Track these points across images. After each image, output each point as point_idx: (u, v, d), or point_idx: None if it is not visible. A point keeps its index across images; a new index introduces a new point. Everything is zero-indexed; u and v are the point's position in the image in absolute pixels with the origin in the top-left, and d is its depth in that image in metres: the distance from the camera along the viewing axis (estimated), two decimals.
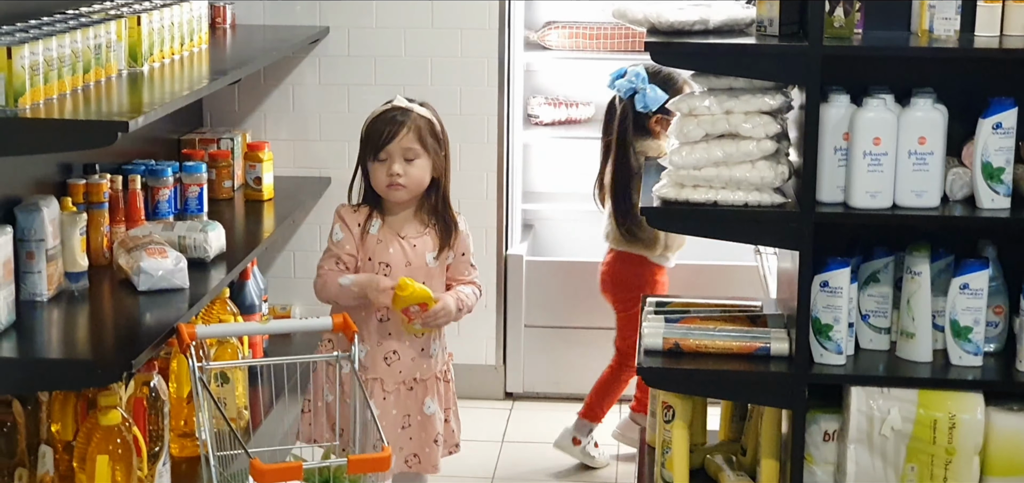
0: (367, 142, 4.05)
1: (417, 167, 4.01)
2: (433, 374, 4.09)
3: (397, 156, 3.99)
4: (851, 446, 3.69)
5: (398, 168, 3.99)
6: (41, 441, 3.77)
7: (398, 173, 3.99)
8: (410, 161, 4.00)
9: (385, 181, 4.00)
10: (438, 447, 4.14)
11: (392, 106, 4.05)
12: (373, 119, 4.06)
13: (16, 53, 3.42)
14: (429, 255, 4.05)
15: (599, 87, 6.01)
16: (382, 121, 4.02)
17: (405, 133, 3.99)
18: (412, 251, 4.03)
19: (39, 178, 4.09)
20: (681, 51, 3.70)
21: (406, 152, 4.00)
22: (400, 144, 3.99)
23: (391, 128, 3.99)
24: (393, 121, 4.00)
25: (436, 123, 4.07)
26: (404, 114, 4.02)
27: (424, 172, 4.03)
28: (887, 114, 3.59)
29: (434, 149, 4.04)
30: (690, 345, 3.89)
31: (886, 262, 3.78)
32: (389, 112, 4.04)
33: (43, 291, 3.85)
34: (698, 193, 3.73)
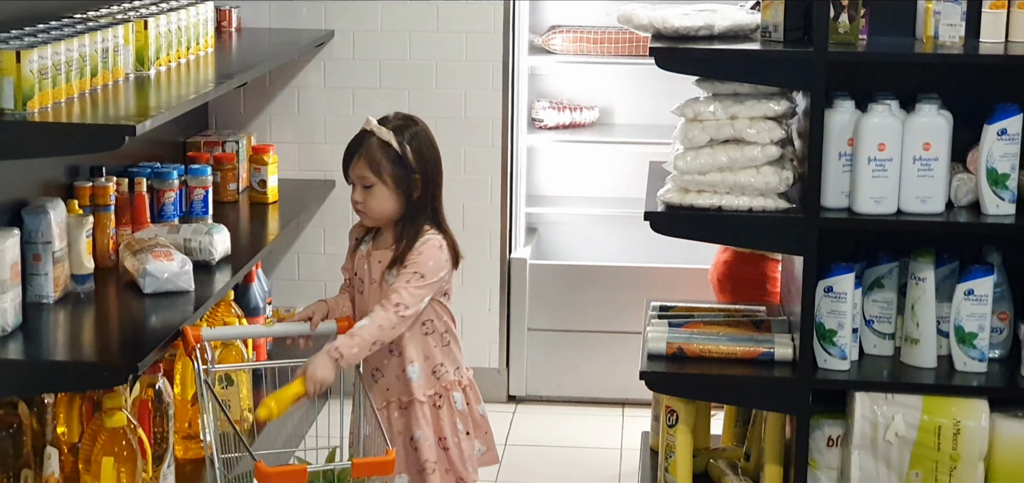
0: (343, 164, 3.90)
1: (374, 196, 3.80)
2: (415, 398, 3.85)
3: (356, 183, 3.83)
4: (855, 452, 3.70)
5: (357, 196, 3.83)
6: (46, 443, 3.78)
7: (357, 200, 3.83)
8: (367, 189, 3.81)
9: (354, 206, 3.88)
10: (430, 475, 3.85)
11: (361, 129, 3.87)
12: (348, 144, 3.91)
13: (25, 57, 3.43)
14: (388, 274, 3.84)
15: (603, 91, 6.04)
16: (349, 145, 3.86)
17: (357, 161, 3.81)
18: (376, 266, 3.87)
19: (46, 180, 4.10)
20: (686, 56, 3.71)
21: (361, 180, 3.81)
22: (354, 172, 3.82)
23: (347, 155, 3.83)
24: (351, 147, 3.84)
25: (396, 146, 3.80)
26: (359, 140, 3.83)
27: (383, 202, 3.80)
28: (892, 120, 3.60)
29: (395, 175, 3.79)
30: (694, 350, 3.90)
31: (890, 268, 3.79)
32: (356, 137, 3.86)
33: (49, 293, 3.85)
34: (703, 198, 3.74)
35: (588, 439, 5.43)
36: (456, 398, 3.93)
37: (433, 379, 3.89)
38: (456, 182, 5.66)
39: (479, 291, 5.71)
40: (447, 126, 5.63)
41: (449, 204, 5.61)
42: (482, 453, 4.03)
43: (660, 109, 5.80)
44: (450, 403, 3.91)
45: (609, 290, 5.67)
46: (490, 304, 5.72)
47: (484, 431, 4.03)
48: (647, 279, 5.61)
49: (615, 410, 5.66)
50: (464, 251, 5.61)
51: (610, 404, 5.70)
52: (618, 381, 5.64)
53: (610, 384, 5.69)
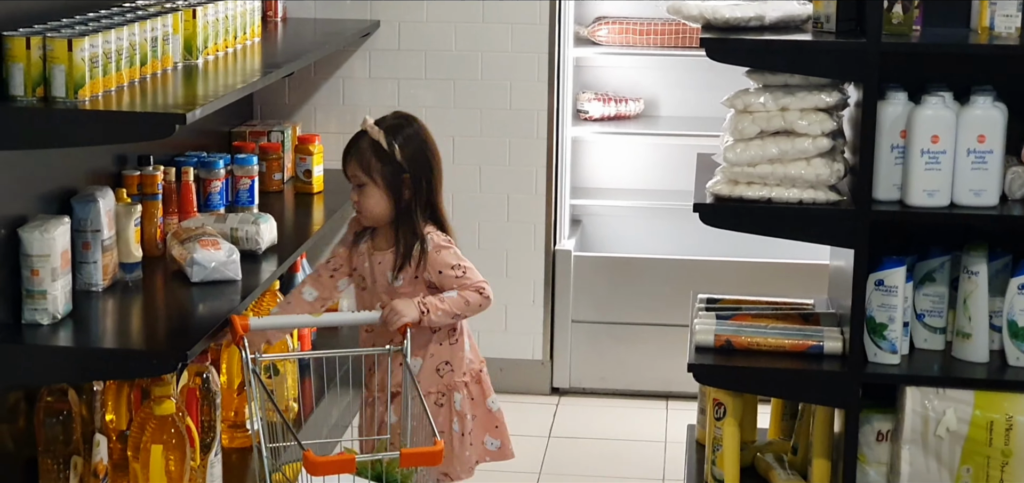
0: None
1: (367, 196, 3.88)
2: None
3: (353, 183, 3.93)
4: (905, 447, 3.68)
5: (354, 195, 3.92)
6: (95, 430, 3.79)
7: (354, 200, 3.92)
8: (360, 187, 3.90)
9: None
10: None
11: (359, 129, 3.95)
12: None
13: (76, 45, 3.44)
14: (388, 274, 3.93)
15: (650, 83, 6.02)
16: (346, 146, 3.95)
17: (350, 161, 3.90)
18: (377, 268, 3.94)
19: (95, 169, 4.11)
20: (736, 47, 3.68)
21: (354, 179, 3.91)
22: (349, 170, 3.91)
23: (345, 155, 3.92)
24: (349, 146, 3.92)
25: (384, 143, 3.86)
26: (355, 140, 3.91)
27: (375, 201, 3.88)
28: (946, 112, 3.57)
29: (384, 173, 3.86)
30: (742, 342, 3.88)
31: (942, 261, 3.76)
32: (353, 135, 3.95)
33: (99, 281, 3.87)
34: (752, 190, 3.72)
35: (632, 432, 5.42)
36: (456, 398, 3.98)
37: (436, 377, 3.96)
38: (501, 174, 5.66)
39: (523, 283, 5.70)
40: (492, 117, 5.63)
41: (494, 194, 5.66)
42: (496, 448, 4.07)
43: (705, 101, 5.80)
44: (451, 403, 3.98)
45: (653, 282, 5.65)
46: (534, 296, 5.71)
47: (496, 425, 4.06)
48: (691, 271, 5.59)
49: (659, 403, 5.65)
50: (509, 243, 5.67)
51: (654, 397, 5.69)
52: (662, 374, 5.63)
53: (654, 377, 5.67)
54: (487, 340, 5.73)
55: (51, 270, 3.57)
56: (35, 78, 3.46)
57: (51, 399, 3.64)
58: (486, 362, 4.12)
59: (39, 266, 3.55)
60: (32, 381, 3.61)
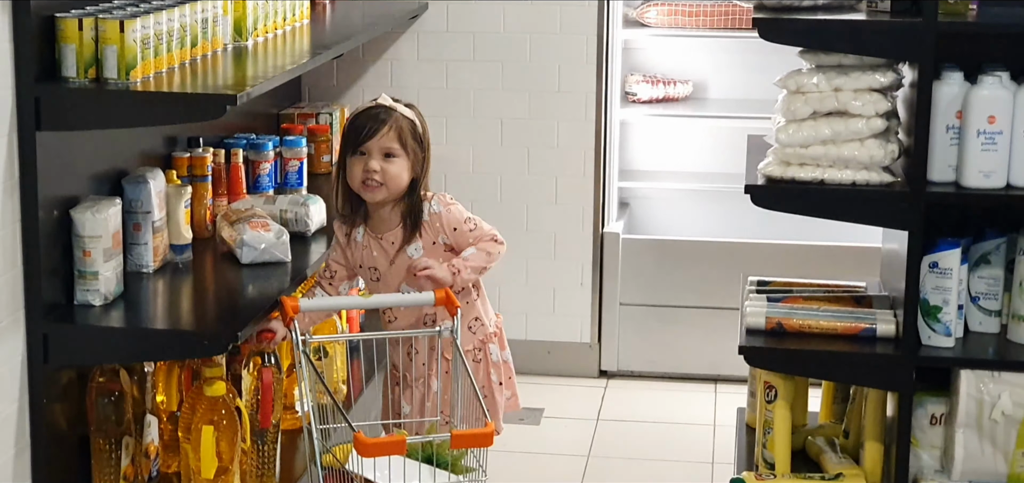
0: (347, 137, 3.96)
1: (395, 166, 3.91)
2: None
3: (376, 153, 3.91)
4: (959, 430, 3.65)
5: (375, 165, 3.90)
6: (146, 411, 3.81)
7: (374, 170, 3.90)
8: (389, 158, 3.91)
9: (360, 176, 3.91)
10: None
11: (376, 104, 3.97)
12: (355, 115, 3.98)
13: (128, 27, 3.45)
14: (409, 248, 3.97)
15: (698, 65, 5.99)
16: (364, 117, 3.94)
17: (387, 131, 3.91)
18: (391, 249, 3.97)
19: (145, 151, 4.12)
20: (790, 28, 3.66)
21: (385, 150, 3.91)
22: (380, 142, 3.90)
23: (372, 124, 3.91)
24: (375, 118, 3.92)
25: (419, 125, 3.97)
26: (387, 112, 3.93)
27: (402, 171, 3.93)
28: (1003, 92, 3.53)
29: (414, 150, 3.94)
30: (793, 325, 3.86)
31: (998, 243, 3.72)
32: (372, 109, 3.95)
33: (149, 262, 3.88)
34: (805, 171, 3.69)
35: (681, 415, 5.40)
36: (492, 350, 4.07)
37: (470, 335, 4.02)
38: (549, 156, 5.65)
39: (571, 265, 5.69)
40: (540, 99, 5.61)
41: (542, 177, 5.65)
42: (507, 398, 4.16)
43: (754, 83, 5.76)
44: (487, 356, 4.06)
45: (702, 265, 5.63)
46: (582, 279, 5.70)
47: (508, 376, 4.16)
48: (740, 254, 5.57)
49: (708, 386, 5.63)
50: (556, 225, 5.65)
51: (703, 380, 5.67)
52: (711, 357, 5.61)
53: (703, 360, 5.65)
54: (535, 322, 5.72)
55: (103, 251, 3.58)
56: (87, 59, 3.47)
57: (103, 379, 3.65)
58: (536, 343, 4.15)
59: (91, 247, 3.57)
60: (84, 361, 3.63)
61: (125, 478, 3.69)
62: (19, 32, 3.37)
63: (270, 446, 3.97)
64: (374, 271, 4.01)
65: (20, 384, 3.47)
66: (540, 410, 5.40)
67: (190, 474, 3.76)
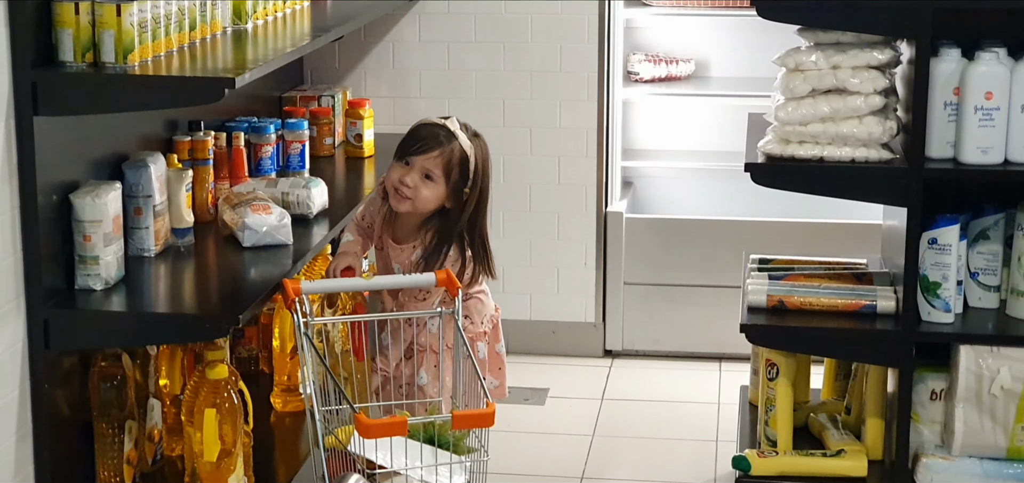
0: (404, 140, 4.02)
1: (429, 189, 3.96)
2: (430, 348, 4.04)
3: (418, 169, 3.96)
4: (959, 405, 3.65)
5: (411, 180, 3.95)
6: (149, 394, 3.82)
7: (408, 185, 3.95)
8: (427, 180, 3.96)
9: (395, 183, 3.97)
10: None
11: (444, 124, 4.01)
12: (420, 124, 4.04)
13: (125, 10, 3.45)
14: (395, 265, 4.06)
15: (700, 44, 5.99)
16: (425, 131, 3.99)
17: (436, 154, 3.95)
18: (392, 252, 4.06)
19: (145, 135, 4.13)
20: (788, 5, 3.66)
21: (426, 170, 3.95)
22: (425, 161, 3.95)
23: (426, 143, 3.96)
24: (433, 138, 3.97)
25: (473, 160, 3.99)
26: (446, 137, 3.97)
27: (433, 198, 3.97)
28: (1000, 68, 3.53)
29: (455, 183, 3.98)
30: (795, 302, 3.87)
31: (996, 219, 3.72)
32: (436, 128, 4.00)
33: (151, 246, 3.88)
34: (804, 149, 3.70)
35: (685, 393, 5.41)
36: (480, 348, 4.09)
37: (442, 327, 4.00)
38: (551, 136, 5.64)
39: (575, 245, 5.69)
40: (542, 79, 5.61)
41: (545, 157, 5.65)
42: (494, 386, 4.17)
43: (756, 61, 5.75)
44: (475, 353, 4.03)
45: (705, 244, 5.63)
46: (586, 258, 5.70)
47: (499, 367, 4.19)
48: (743, 233, 5.56)
49: (712, 364, 5.63)
50: (560, 206, 5.66)
51: (707, 358, 5.67)
52: (715, 335, 5.61)
53: (707, 338, 5.65)
54: (539, 303, 5.73)
55: (103, 236, 3.59)
56: (84, 43, 3.47)
57: (105, 364, 3.67)
58: (540, 323, 4.16)
59: (91, 232, 3.57)
60: (86, 346, 3.64)
61: (128, 462, 3.70)
62: (15, 17, 3.36)
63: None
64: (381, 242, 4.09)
65: (21, 370, 3.48)
66: (545, 390, 5.41)
67: (193, 457, 3.77)
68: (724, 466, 4.71)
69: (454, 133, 3.98)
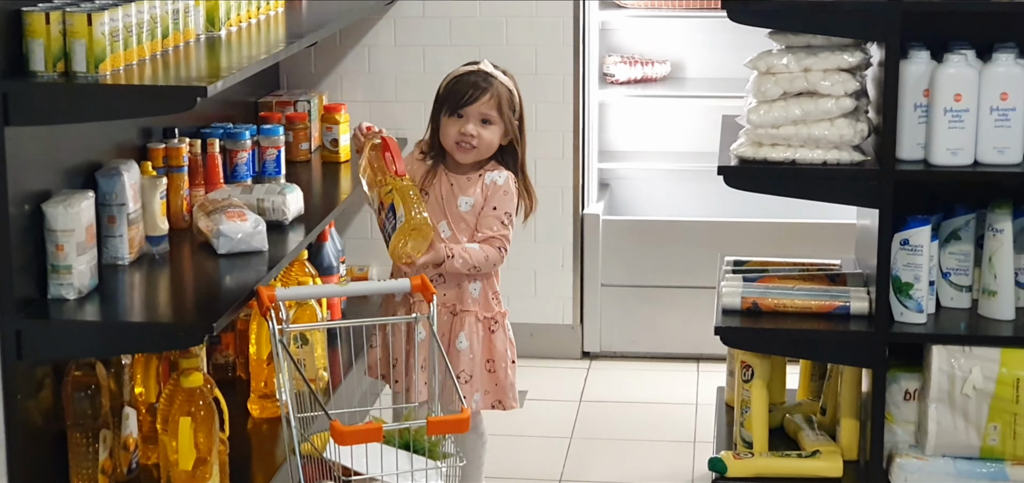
0: (447, 98, 4.08)
1: (490, 131, 4.05)
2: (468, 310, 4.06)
3: (474, 117, 4.03)
4: (932, 405, 3.67)
5: (472, 129, 4.03)
6: (124, 403, 3.82)
7: (471, 134, 4.02)
8: (485, 124, 4.04)
9: (455, 137, 4.03)
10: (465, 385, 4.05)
11: (478, 69, 4.11)
12: (457, 78, 4.10)
13: (96, 20, 3.45)
14: (462, 199, 4.05)
15: (675, 45, 6.00)
16: (466, 82, 4.07)
17: (487, 98, 4.04)
18: (449, 191, 4.05)
19: (119, 143, 4.13)
20: (758, 9, 3.67)
21: (484, 116, 4.03)
22: (479, 107, 4.03)
23: (474, 91, 4.04)
24: (476, 85, 4.05)
25: (515, 94, 4.13)
26: (487, 80, 4.07)
27: (495, 138, 4.07)
28: (968, 70, 3.55)
29: (509, 119, 4.09)
30: (769, 304, 3.88)
31: (967, 219, 3.74)
32: (474, 75, 4.09)
33: (125, 255, 3.88)
34: (776, 152, 3.71)
35: (663, 395, 5.42)
36: (509, 326, 4.15)
37: (490, 303, 4.09)
38: (528, 138, 5.64)
39: (552, 247, 5.70)
40: (518, 82, 5.60)
41: None
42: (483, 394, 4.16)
43: (732, 63, 5.75)
44: (504, 329, 4.13)
45: (682, 245, 5.64)
46: (563, 260, 5.71)
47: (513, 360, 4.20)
48: (720, 234, 5.58)
49: (690, 365, 5.64)
50: (537, 208, 5.66)
51: (685, 359, 5.68)
52: (692, 336, 5.62)
53: (684, 339, 5.67)
54: (517, 305, 5.73)
55: (76, 245, 3.59)
56: (55, 53, 3.47)
57: (79, 373, 3.66)
58: (517, 325, 4.19)
59: (64, 241, 3.57)
60: (59, 356, 3.63)
61: (103, 472, 3.70)
62: None
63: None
64: (424, 195, 4.06)
65: None
66: (523, 392, 5.42)
67: (169, 466, 3.77)
68: (701, 468, 4.72)
69: (492, 74, 4.09)
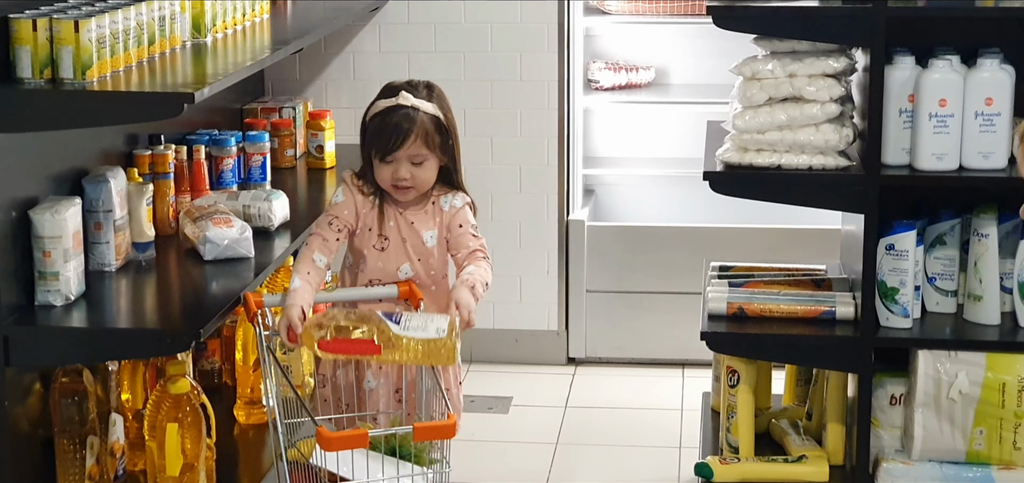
0: (374, 142, 3.87)
1: (425, 169, 3.85)
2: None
3: (404, 161, 3.83)
4: (918, 410, 3.68)
5: (405, 173, 3.83)
6: (111, 410, 3.81)
7: (405, 177, 3.83)
8: (418, 164, 3.84)
9: (390, 181, 3.85)
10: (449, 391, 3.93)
11: (398, 105, 3.86)
12: (380, 118, 3.86)
13: (83, 26, 3.45)
14: (426, 234, 3.91)
15: (659, 51, 6.01)
16: (389, 125, 3.83)
17: (413, 139, 3.82)
18: (409, 229, 3.90)
19: (105, 149, 4.12)
20: (743, 15, 3.69)
21: (413, 158, 3.83)
22: (407, 151, 3.82)
23: (397, 136, 3.81)
24: (399, 128, 3.82)
25: (441, 117, 3.88)
26: (410, 119, 3.83)
27: (432, 172, 3.87)
28: (953, 75, 3.56)
29: (441, 145, 3.87)
30: (754, 309, 3.89)
31: (952, 224, 3.76)
32: (396, 115, 3.84)
33: (111, 261, 3.88)
34: (762, 157, 3.72)
35: (649, 400, 5.43)
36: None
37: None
38: (512, 145, 5.66)
39: (537, 253, 5.71)
40: (503, 89, 5.63)
41: (506, 167, 5.66)
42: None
43: (717, 68, 5.77)
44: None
45: (668, 250, 5.65)
46: (548, 266, 5.72)
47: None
48: (706, 239, 5.59)
49: (675, 371, 5.65)
50: (522, 215, 5.67)
51: (670, 365, 5.69)
52: (678, 342, 5.63)
53: (670, 345, 5.68)
54: (502, 311, 5.74)
55: (63, 251, 3.58)
56: (42, 60, 3.46)
57: (66, 380, 3.66)
58: (503, 331, 4.13)
59: (50, 248, 3.57)
60: (46, 362, 3.62)
61: (90, 478, 3.69)
62: None
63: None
64: (383, 239, 3.91)
65: None
66: (508, 398, 5.42)
67: (156, 472, 3.77)
68: (687, 473, 4.73)
69: (414, 107, 3.85)
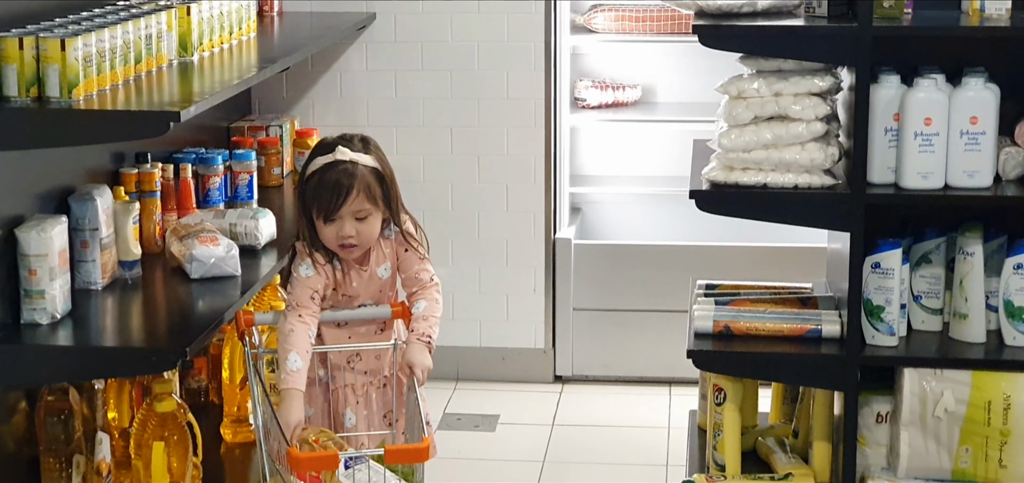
0: (313, 201, 3.79)
1: (368, 224, 3.80)
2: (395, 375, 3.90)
3: (348, 218, 3.78)
4: (904, 428, 3.68)
5: (350, 230, 3.78)
6: (97, 428, 3.81)
7: (350, 235, 3.78)
8: (362, 220, 3.79)
9: (336, 241, 3.80)
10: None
11: (336, 161, 3.79)
12: (318, 178, 3.79)
13: (70, 45, 3.45)
14: (380, 269, 3.89)
15: (646, 70, 6.03)
16: (329, 185, 3.77)
17: (355, 195, 3.77)
18: (366, 275, 3.87)
19: (92, 168, 4.12)
20: (729, 34, 3.69)
21: (356, 214, 3.78)
22: (350, 208, 3.77)
23: (338, 195, 3.76)
24: (339, 185, 3.76)
25: (380, 166, 3.83)
26: (349, 175, 3.77)
27: (375, 226, 3.82)
28: (938, 94, 3.57)
29: (383, 196, 3.81)
30: (741, 328, 3.89)
31: (938, 243, 3.76)
32: (334, 173, 3.77)
33: (98, 280, 3.88)
34: (748, 176, 3.73)
35: (635, 418, 5.43)
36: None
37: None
38: (499, 163, 5.67)
39: (524, 272, 5.71)
40: (490, 107, 5.64)
41: (493, 184, 5.67)
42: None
43: (703, 87, 5.79)
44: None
45: (654, 269, 5.66)
46: (535, 284, 5.72)
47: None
48: (692, 257, 5.60)
49: (662, 389, 5.66)
50: (508, 233, 5.68)
51: (657, 383, 5.70)
52: (665, 360, 5.64)
53: (657, 363, 5.68)
54: (489, 329, 5.74)
55: (49, 270, 3.58)
56: (29, 78, 3.46)
57: (52, 398, 3.65)
58: (489, 349, 4.12)
59: (37, 266, 3.56)
60: (32, 381, 3.62)
61: None
62: None
63: None
64: (352, 300, 3.90)
65: None
66: (495, 417, 5.42)
67: None
68: None
69: (353, 162, 3.78)
